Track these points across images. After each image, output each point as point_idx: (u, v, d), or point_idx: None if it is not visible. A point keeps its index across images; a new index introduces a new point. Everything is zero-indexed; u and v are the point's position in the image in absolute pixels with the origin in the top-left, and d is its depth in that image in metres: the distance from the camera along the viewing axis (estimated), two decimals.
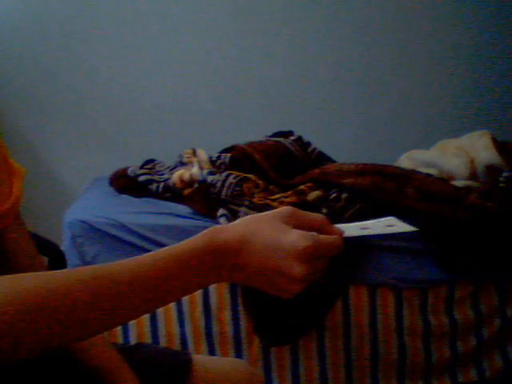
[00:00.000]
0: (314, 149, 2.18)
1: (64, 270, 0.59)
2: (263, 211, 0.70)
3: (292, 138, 2.18)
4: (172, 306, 1.74)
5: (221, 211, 1.78)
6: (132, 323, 1.74)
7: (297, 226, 0.66)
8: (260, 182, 1.90)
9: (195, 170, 1.98)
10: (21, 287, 0.54)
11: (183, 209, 1.87)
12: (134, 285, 0.59)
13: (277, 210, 0.68)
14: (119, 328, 1.74)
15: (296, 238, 0.63)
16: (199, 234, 0.64)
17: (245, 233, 0.64)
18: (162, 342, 1.74)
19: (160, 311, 1.74)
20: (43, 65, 2.61)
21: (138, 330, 1.75)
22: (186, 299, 1.73)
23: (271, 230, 0.64)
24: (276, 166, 2.01)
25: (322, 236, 0.66)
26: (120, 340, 1.74)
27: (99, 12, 2.59)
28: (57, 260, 1.41)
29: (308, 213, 0.69)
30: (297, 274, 0.63)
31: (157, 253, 0.62)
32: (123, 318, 0.61)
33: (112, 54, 2.63)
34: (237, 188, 1.85)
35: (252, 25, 2.66)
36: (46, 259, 1.44)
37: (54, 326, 0.54)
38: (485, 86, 2.72)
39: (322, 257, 0.66)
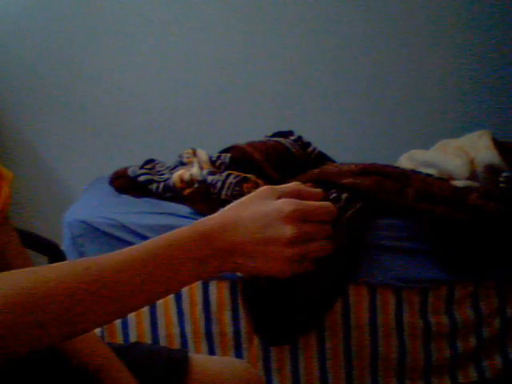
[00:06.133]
0: (314, 149, 2.18)
1: (53, 265, 0.59)
2: None
3: (292, 137, 2.18)
4: (172, 305, 1.74)
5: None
6: (132, 323, 1.74)
7: (278, 198, 0.67)
8: (260, 181, 1.90)
9: (195, 170, 1.97)
10: (10, 283, 0.54)
11: (183, 209, 1.87)
12: (121, 277, 0.59)
13: (256, 191, 0.69)
14: (119, 328, 1.74)
15: (280, 205, 0.65)
16: (186, 226, 0.64)
17: (229, 217, 0.65)
18: (162, 342, 1.74)
19: (160, 311, 1.74)
20: (43, 65, 2.61)
21: (137, 330, 1.75)
22: (186, 299, 1.73)
23: (254, 207, 0.65)
24: (276, 166, 2.00)
25: (307, 201, 0.67)
26: (120, 340, 1.74)
27: (99, 13, 2.59)
28: (57, 260, 1.41)
29: (283, 185, 0.70)
30: (285, 234, 0.63)
31: (145, 243, 0.62)
32: (113, 314, 0.61)
33: (112, 55, 2.63)
34: (237, 188, 1.85)
35: (252, 25, 2.66)
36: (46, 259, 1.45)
37: (44, 322, 0.54)
38: (485, 85, 2.72)
39: (312, 221, 0.66)
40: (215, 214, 0.66)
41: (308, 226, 0.65)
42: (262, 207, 0.65)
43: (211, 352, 1.74)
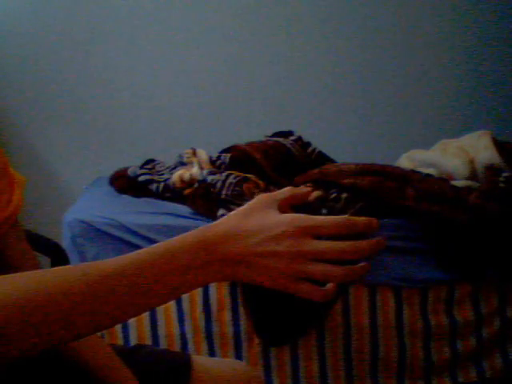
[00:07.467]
0: (314, 149, 2.18)
1: (53, 269, 0.60)
2: None
3: (292, 137, 2.18)
4: (172, 306, 1.74)
5: (221, 211, 1.78)
6: (132, 324, 1.74)
7: (280, 207, 0.67)
8: (260, 182, 1.90)
9: (195, 170, 1.97)
10: (15, 285, 0.55)
11: (183, 209, 1.87)
12: (122, 281, 0.59)
13: (255, 200, 0.68)
14: (119, 328, 1.74)
15: (285, 219, 0.64)
16: (189, 232, 0.64)
17: (231, 226, 0.64)
18: (162, 343, 1.74)
19: (160, 311, 1.74)
20: (43, 65, 2.61)
21: (137, 330, 1.75)
22: (186, 299, 1.73)
23: (257, 218, 0.65)
24: (276, 166, 2.01)
25: (315, 217, 0.65)
26: (120, 340, 1.74)
27: (100, 13, 2.59)
28: (59, 260, 1.41)
29: (278, 192, 0.70)
30: (287, 249, 0.62)
31: (150, 248, 0.62)
32: (112, 319, 0.61)
33: (112, 54, 2.63)
34: (237, 188, 1.85)
35: (252, 25, 2.66)
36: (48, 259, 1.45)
37: (46, 326, 0.55)
38: (485, 85, 2.72)
39: (321, 237, 0.64)
40: (218, 222, 0.66)
41: (318, 244, 0.63)
42: (265, 220, 0.64)
43: (211, 352, 1.74)
